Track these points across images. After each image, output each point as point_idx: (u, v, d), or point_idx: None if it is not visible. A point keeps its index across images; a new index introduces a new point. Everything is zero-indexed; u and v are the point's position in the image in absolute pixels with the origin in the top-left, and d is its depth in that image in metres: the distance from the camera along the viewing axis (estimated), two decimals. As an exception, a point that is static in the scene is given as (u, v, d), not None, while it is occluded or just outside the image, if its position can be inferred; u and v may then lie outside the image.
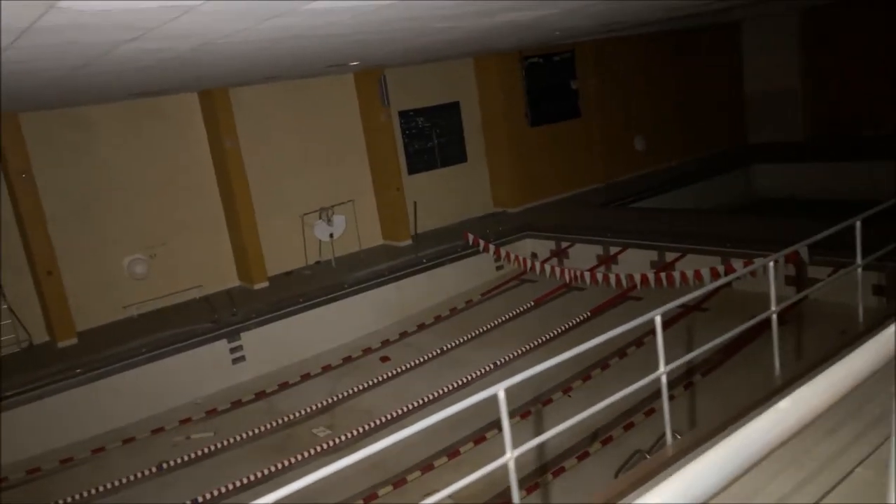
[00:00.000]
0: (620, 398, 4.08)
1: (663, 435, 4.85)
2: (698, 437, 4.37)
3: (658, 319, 3.87)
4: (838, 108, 16.33)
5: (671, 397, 7.12)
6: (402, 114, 12.79)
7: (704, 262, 9.88)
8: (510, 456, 3.47)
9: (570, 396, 7.74)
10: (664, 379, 4.25)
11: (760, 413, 1.49)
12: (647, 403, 6.97)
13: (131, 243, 10.18)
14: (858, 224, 5.48)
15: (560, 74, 14.42)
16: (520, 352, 8.94)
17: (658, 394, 4.35)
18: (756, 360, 7.48)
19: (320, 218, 11.44)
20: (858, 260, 5.62)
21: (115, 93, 8.38)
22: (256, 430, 8.04)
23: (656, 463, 4.24)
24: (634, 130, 15.45)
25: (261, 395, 8.98)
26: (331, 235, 11.52)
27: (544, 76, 14.18)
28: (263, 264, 11.01)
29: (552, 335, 9.16)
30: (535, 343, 9.04)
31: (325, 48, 6.26)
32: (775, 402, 1.50)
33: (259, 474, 7.10)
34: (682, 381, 7.43)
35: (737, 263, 9.28)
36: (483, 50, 12.12)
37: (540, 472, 6.38)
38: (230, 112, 10.53)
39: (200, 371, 9.24)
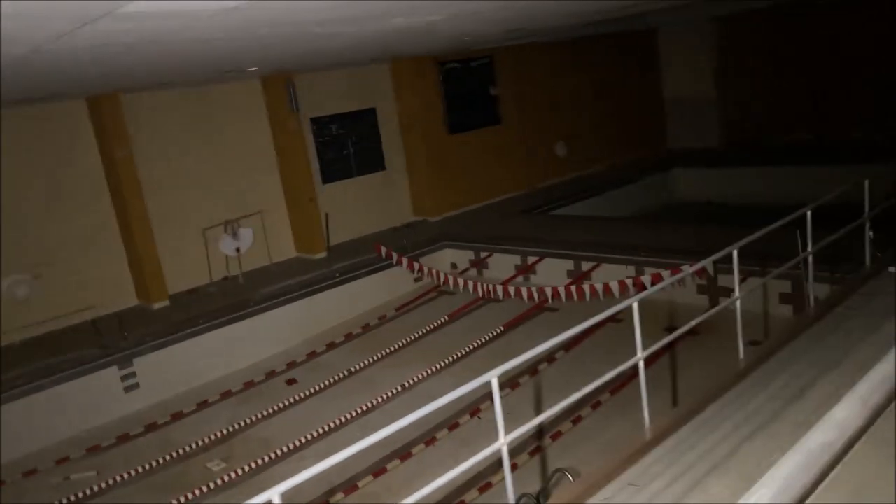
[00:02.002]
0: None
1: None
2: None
3: (494, 382, 3.50)
4: (751, 114, 16.64)
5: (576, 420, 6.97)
6: (315, 121, 12.28)
7: (619, 271, 9.78)
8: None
9: (479, 418, 7.43)
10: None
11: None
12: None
13: (12, 262, 9.33)
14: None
15: (479, 80, 14.17)
16: (430, 371, 8.57)
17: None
18: (662, 380, 7.34)
19: (225, 231, 10.82)
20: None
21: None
22: (145, 467, 7.40)
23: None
24: (555, 137, 15.34)
25: (152, 427, 8.32)
26: (237, 250, 10.91)
27: (463, 82, 13.91)
28: (163, 282, 10.32)
29: (464, 352, 8.83)
30: (447, 361, 8.69)
31: (197, 53, 5.74)
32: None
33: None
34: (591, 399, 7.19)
35: (652, 271, 9.18)
36: (390, 55, 11.75)
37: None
38: (121, 119, 9.82)
39: (86, 402, 8.51)
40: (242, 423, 8.09)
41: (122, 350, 8.89)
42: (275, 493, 2.55)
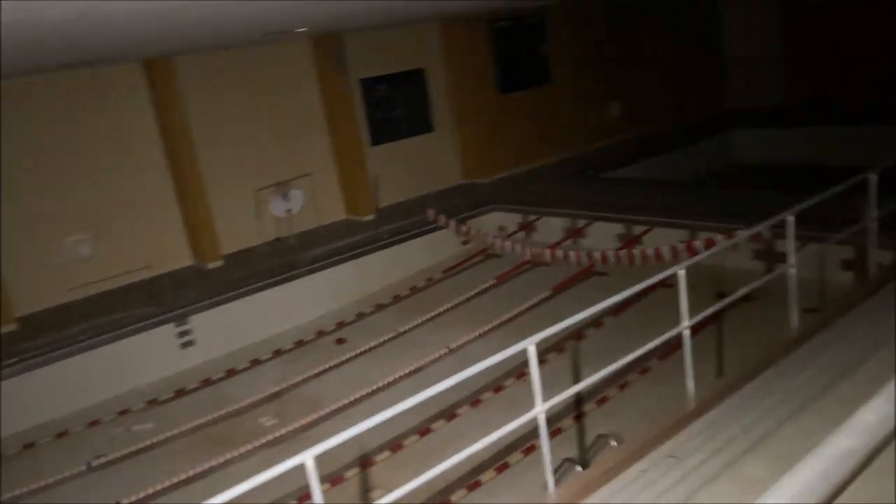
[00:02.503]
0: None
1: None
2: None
3: (531, 350, 3.40)
4: (818, 72, 15.81)
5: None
6: (364, 81, 12.22)
7: (671, 236, 9.53)
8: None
9: (525, 381, 7.43)
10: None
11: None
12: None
13: (74, 222, 9.69)
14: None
15: (530, 39, 13.84)
16: (476, 334, 8.60)
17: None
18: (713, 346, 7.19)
19: (276, 193, 10.97)
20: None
21: (44, 61, 7.82)
22: (199, 421, 7.69)
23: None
24: (609, 97, 14.93)
25: (206, 383, 8.63)
26: (288, 211, 11.07)
27: (514, 41, 13.60)
28: (217, 243, 10.57)
29: (510, 316, 8.81)
30: (493, 324, 8.70)
31: (247, 13, 5.75)
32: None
33: (199, 469, 6.78)
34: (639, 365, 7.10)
35: (706, 236, 8.93)
36: (440, 13, 11.54)
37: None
38: (175, 82, 9.98)
39: (146, 357, 8.86)
40: (293, 381, 8.30)
41: (177, 308, 9.18)
42: (308, 455, 2.60)
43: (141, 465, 7.10)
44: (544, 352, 7.77)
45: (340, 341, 9.29)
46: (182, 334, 9.18)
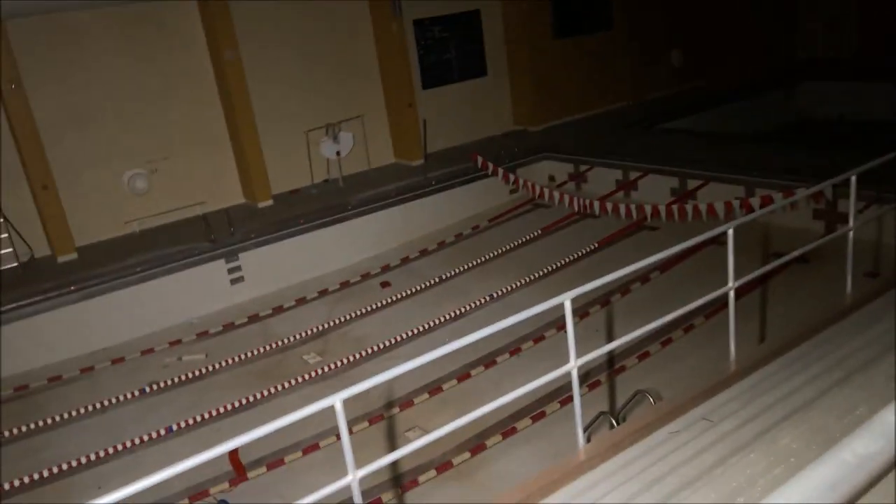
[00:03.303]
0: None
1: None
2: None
3: (567, 304, 3.28)
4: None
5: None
6: (417, 23, 12.00)
7: (727, 191, 9.23)
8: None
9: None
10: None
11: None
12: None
13: (132, 158, 9.93)
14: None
15: (592, -20, 13.29)
16: (520, 283, 8.58)
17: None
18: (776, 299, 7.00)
19: (326, 135, 10.99)
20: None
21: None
22: (247, 355, 7.94)
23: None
24: (671, 44, 14.31)
25: (254, 318, 8.87)
26: (338, 153, 11.09)
27: (574, -18, 13.09)
28: (267, 182, 10.70)
29: (555, 267, 8.74)
30: (538, 275, 8.65)
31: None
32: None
33: (245, 400, 7.03)
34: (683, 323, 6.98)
35: (763, 193, 8.61)
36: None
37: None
38: (230, 21, 9.97)
39: (196, 291, 9.14)
40: (337, 321, 8.47)
41: (229, 245, 9.39)
42: (337, 399, 2.65)
43: (191, 393, 7.40)
44: (588, 304, 7.71)
45: (385, 284, 9.39)
46: (232, 270, 9.42)
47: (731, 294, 3.82)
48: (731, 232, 3.80)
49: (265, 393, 7.14)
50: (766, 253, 8.34)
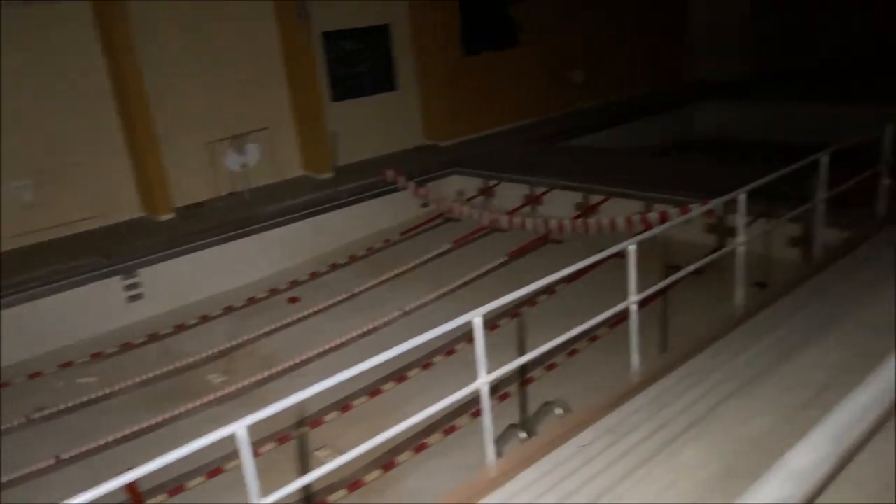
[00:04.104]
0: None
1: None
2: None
3: (477, 321, 3.35)
4: (785, 43, 15.91)
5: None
6: (327, 35, 11.89)
7: (628, 206, 9.62)
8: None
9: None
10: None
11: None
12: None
13: (17, 167, 9.29)
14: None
15: (499, 1, 13.59)
16: (432, 297, 8.61)
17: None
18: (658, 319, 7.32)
19: (231, 146, 10.69)
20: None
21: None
22: (147, 376, 7.57)
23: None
24: (574, 63, 14.84)
25: (154, 338, 8.47)
26: (244, 165, 10.81)
27: (481, 1, 13.34)
28: (168, 194, 10.28)
29: (466, 280, 8.84)
30: (449, 288, 8.71)
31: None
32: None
33: (145, 424, 6.69)
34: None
35: (661, 208, 9.03)
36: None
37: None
38: (126, 25, 9.54)
39: (92, 309, 8.64)
40: (244, 339, 8.21)
41: (126, 260, 8.94)
42: (240, 425, 2.56)
43: (84, 418, 6.97)
44: (498, 317, 7.82)
45: (293, 300, 9.20)
46: (130, 287, 8.97)
47: (633, 308, 3.98)
48: (631, 248, 3.96)
49: (167, 416, 6.82)
50: (665, 265, 8.74)
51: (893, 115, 6.63)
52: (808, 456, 0.88)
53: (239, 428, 2.53)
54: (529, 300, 8.16)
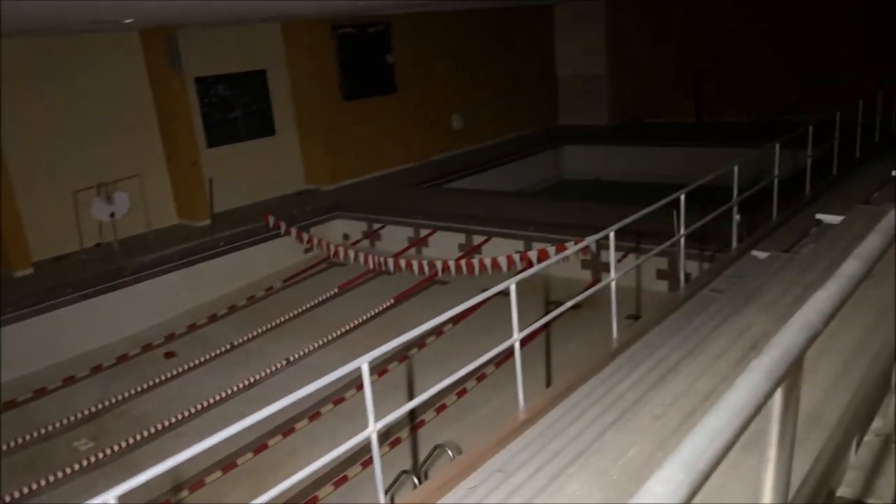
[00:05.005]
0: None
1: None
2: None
3: (365, 368, 3.37)
4: (639, 94, 17.25)
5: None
6: (200, 80, 11.61)
7: (508, 245, 9.95)
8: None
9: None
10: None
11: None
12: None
13: None
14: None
15: (375, 47, 13.85)
16: (318, 344, 8.44)
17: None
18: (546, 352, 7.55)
19: (98, 195, 10.11)
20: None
21: None
22: (4, 446, 6.89)
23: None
24: (451, 108, 15.29)
25: (11, 405, 7.75)
26: (112, 215, 10.23)
27: (358, 48, 13.54)
28: (26, 247, 9.55)
29: (353, 325, 8.74)
30: (335, 334, 8.58)
31: None
32: None
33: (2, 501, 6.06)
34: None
35: (539, 247, 9.39)
36: (282, 15, 11.23)
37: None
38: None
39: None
40: (114, 400, 7.70)
41: (-23, 322, 8.17)
42: (111, 496, 2.39)
43: (-75, 503, 6.22)
44: (386, 361, 7.77)
45: (169, 355, 8.73)
46: (-18, 351, 8.18)
47: (517, 345, 4.09)
48: (513, 287, 4.09)
49: (25, 491, 6.22)
50: (546, 301, 9.06)
51: (741, 154, 7.31)
52: (664, 486, 0.94)
53: (109, 498, 2.35)
54: (418, 342, 8.18)
